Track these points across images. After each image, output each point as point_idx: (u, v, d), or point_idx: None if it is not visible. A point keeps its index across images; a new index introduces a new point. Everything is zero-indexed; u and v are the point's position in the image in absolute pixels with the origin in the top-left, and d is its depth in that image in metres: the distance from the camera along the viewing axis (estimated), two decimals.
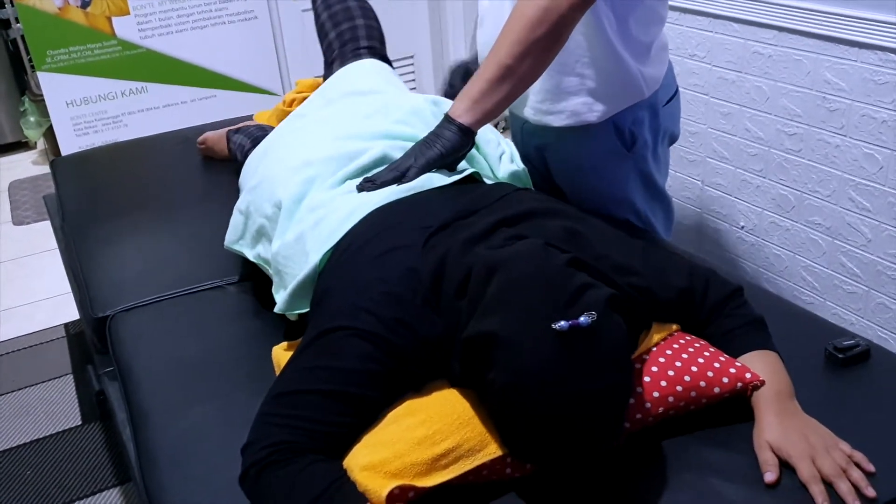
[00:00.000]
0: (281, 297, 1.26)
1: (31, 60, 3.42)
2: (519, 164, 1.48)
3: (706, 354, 1.08)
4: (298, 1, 3.23)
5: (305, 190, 1.30)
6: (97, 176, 2.23)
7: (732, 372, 1.06)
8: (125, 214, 1.92)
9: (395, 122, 1.42)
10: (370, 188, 1.27)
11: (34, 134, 3.74)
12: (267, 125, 2.00)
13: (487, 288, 0.95)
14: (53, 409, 2.22)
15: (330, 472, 0.95)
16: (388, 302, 1.04)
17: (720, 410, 1.07)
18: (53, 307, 2.72)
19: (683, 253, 1.48)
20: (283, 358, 1.20)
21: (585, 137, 1.51)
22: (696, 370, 1.05)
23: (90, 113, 3.07)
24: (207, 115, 2.97)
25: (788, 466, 0.98)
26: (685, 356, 1.07)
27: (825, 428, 1.02)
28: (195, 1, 3.09)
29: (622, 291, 1.02)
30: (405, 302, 1.04)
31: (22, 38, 3.56)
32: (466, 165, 1.38)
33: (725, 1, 2.13)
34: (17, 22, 3.58)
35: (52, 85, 2.98)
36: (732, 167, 2.27)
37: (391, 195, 1.23)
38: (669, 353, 1.07)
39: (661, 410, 1.03)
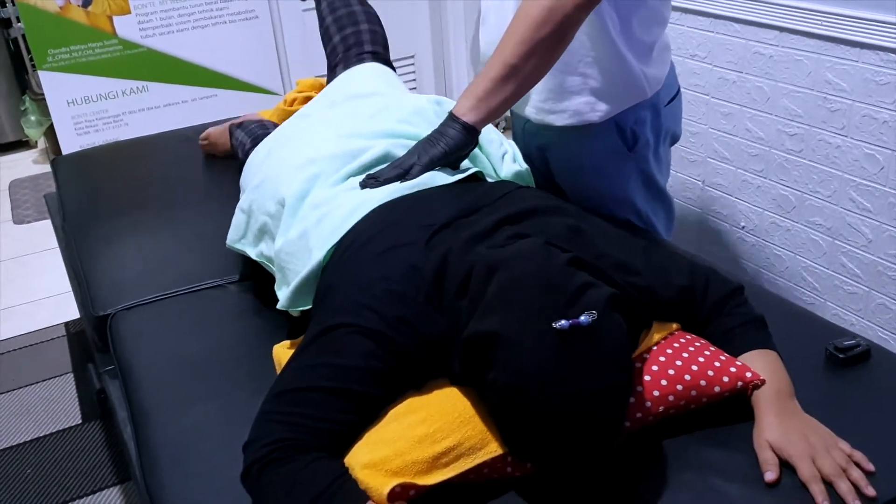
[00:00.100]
0: (283, 293, 1.26)
1: (31, 59, 3.42)
2: (522, 163, 1.48)
3: (706, 353, 1.08)
4: (299, 0, 3.23)
5: (309, 187, 1.30)
6: (98, 175, 2.23)
7: (733, 371, 1.06)
8: (126, 213, 1.92)
9: (398, 121, 1.42)
10: (373, 185, 1.27)
11: (35, 133, 3.75)
12: (269, 121, 1.99)
13: (488, 287, 0.95)
14: (54, 407, 2.22)
15: (332, 469, 0.95)
16: (390, 299, 1.04)
17: (720, 410, 1.07)
18: (54, 306, 2.72)
19: (684, 253, 1.48)
20: (284, 357, 1.20)
21: (587, 137, 1.52)
22: (696, 369, 1.05)
23: (91, 112, 3.07)
24: (208, 114, 2.97)
25: (788, 466, 0.98)
26: (685, 355, 1.07)
27: (825, 427, 1.02)
28: (196, 0, 3.09)
29: (623, 291, 1.02)
30: (407, 299, 1.04)
31: (23, 37, 3.56)
32: (469, 164, 1.38)
33: (726, 1, 2.13)
34: (18, 21, 3.58)
35: (52, 84, 2.98)
36: (733, 167, 2.27)
37: (394, 192, 1.24)
38: (670, 352, 1.07)
39: (661, 409, 1.04)
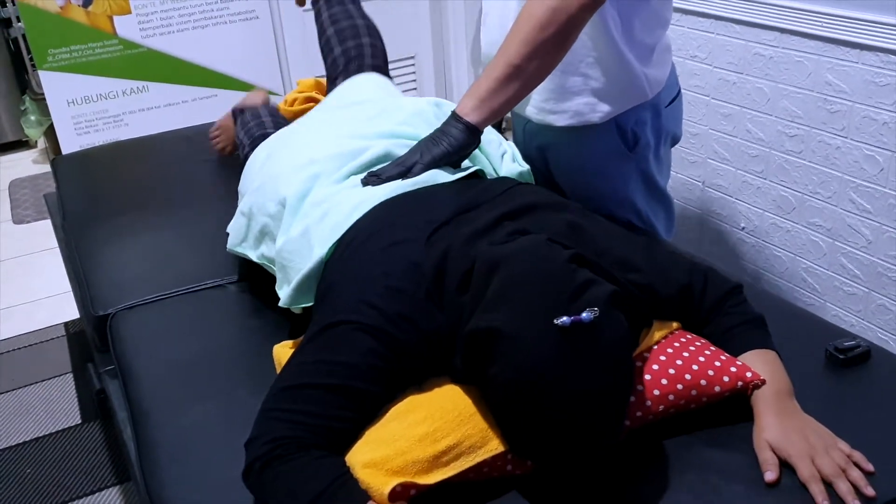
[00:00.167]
0: (285, 291, 1.26)
1: (32, 59, 3.42)
2: (522, 163, 1.48)
3: (707, 353, 1.08)
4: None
5: (310, 186, 1.30)
6: (98, 175, 2.23)
7: (733, 371, 1.06)
8: (126, 213, 1.92)
9: (398, 122, 1.43)
10: (375, 182, 1.27)
11: (35, 133, 3.75)
12: (267, 119, 1.94)
13: (490, 284, 0.95)
14: (53, 407, 2.22)
15: (333, 468, 0.95)
16: (391, 296, 1.04)
17: (721, 411, 1.07)
18: (53, 306, 2.72)
19: (684, 254, 1.48)
20: (284, 356, 1.20)
21: (588, 137, 1.52)
22: (696, 369, 1.05)
23: (91, 112, 3.07)
24: (208, 114, 2.96)
25: (788, 466, 0.98)
26: (686, 354, 1.07)
27: (824, 427, 1.02)
28: (196, 0, 3.09)
29: (624, 288, 1.02)
30: (408, 296, 1.04)
31: (23, 36, 3.56)
32: (469, 163, 1.39)
33: (727, 2, 2.13)
34: (18, 21, 3.58)
35: (53, 84, 2.98)
36: (733, 168, 2.27)
37: (396, 189, 1.24)
38: (670, 351, 1.08)
39: (661, 408, 1.04)
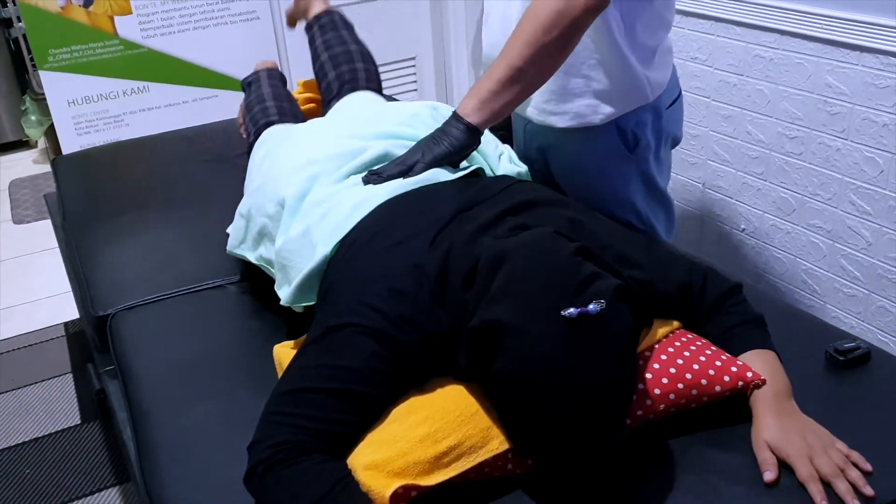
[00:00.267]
0: (285, 291, 1.26)
1: (32, 59, 3.42)
2: (519, 164, 1.48)
3: (707, 353, 1.08)
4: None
5: (309, 186, 1.30)
6: (98, 175, 2.23)
7: (733, 371, 1.06)
8: (126, 213, 1.92)
9: (396, 123, 1.43)
10: (376, 181, 1.27)
11: (35, 133, 3.75)
12: (271, 105, 1.85)
13: (496, 277, 0.95)
14: (53, 407, 2.22)
15: (335, 471, 0.94)
16: (393, 298, 1.04)
17: (721, 411, 1.08)
18: (53, 306, 2.72)
19: (684, 254, 1.48)
20: (284, 356, 1.20)
21: (588, 139, 1.52)
22: (697, 368, 1.05)
23: (91, 112, 3.07)
24: (209, 115, 2.96)
25: (787, 466, 0.98)
26: (686, 354, 1.07)
27: (823, 428, 1.02)
28: (197, 1, 3.09)
29: (627, 283, 1.02)
30: (411, 297, 1.04)
31: (24, 36, 3.56)
32: (467, 163, 1.39)
33: (727, 4, 2.14)
34: (19, 21, 3.58)
35: (53, 84, 2.98)
36: (733, 170, 2.27)
37: (397, 188, 1.24)
38: (671, 350, 1.08)
39: (662, 408, 1.04)
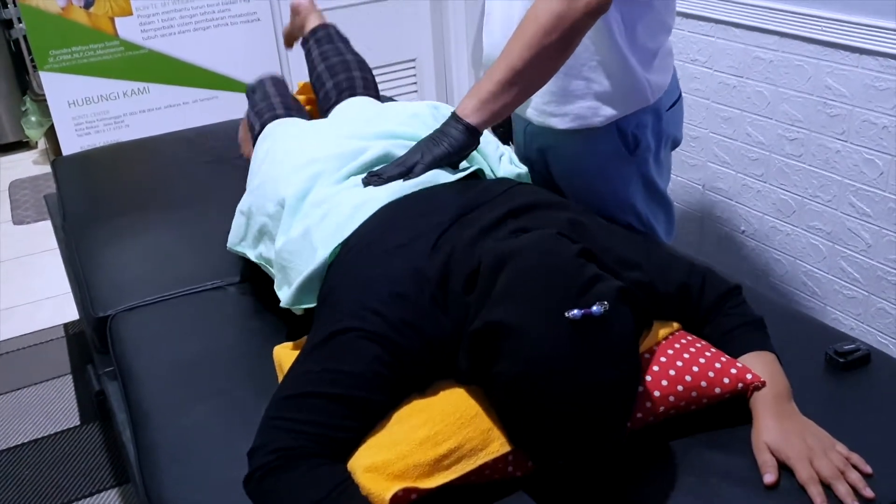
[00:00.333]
0: (285, 293, 1.26)
1: (33, 60, 3.42)
2: (519, 165, 1.48)
3: (707, 355, 1.08)
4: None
5: (310, 186, 1.30)
6: (98, 176, 2.23)
7: (733, 373, 1.06)
8: (126, 214, 1.92)
9: (397, 123, 1.44)
10: (377, 182, 1.27)
11: (35, 134, 3.75)
12: (276, 100, 1.84)
13: (498, 279, 0.95)
14: (52, 409, 2.22)
15: (334, 475, 0.94)
16: (395, 302, 1.03)
17: (721, 413, 1.08)
18: (53, 307, 2.72)
19: (684, 256, 1.48)
20: (284, 358, 1.20)
21: (589, 140, 1.52)
22: (697, 370, 1.05)
23: (92, 113, 3.07)
24: (209, 116, 2.97)
25: (787, 468, 0.98)
26: (686, 356, 1.07)
27: (823, 430, 1.02)
28: (198, 2, 3.09)
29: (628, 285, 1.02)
30: (412, 302, 1.04)
31: (24, 37, 3.57)
32: (467, 163, 1.39)
33: (727, 6, 2.14)
34: (19, 22, 3.58)
35: (54, 85, 2.98)
36: (733, 171, 2.27)
37: (398, 191, 1.24)
38: (671, 352, 1.08)
39: (662, 410, 1.04)
